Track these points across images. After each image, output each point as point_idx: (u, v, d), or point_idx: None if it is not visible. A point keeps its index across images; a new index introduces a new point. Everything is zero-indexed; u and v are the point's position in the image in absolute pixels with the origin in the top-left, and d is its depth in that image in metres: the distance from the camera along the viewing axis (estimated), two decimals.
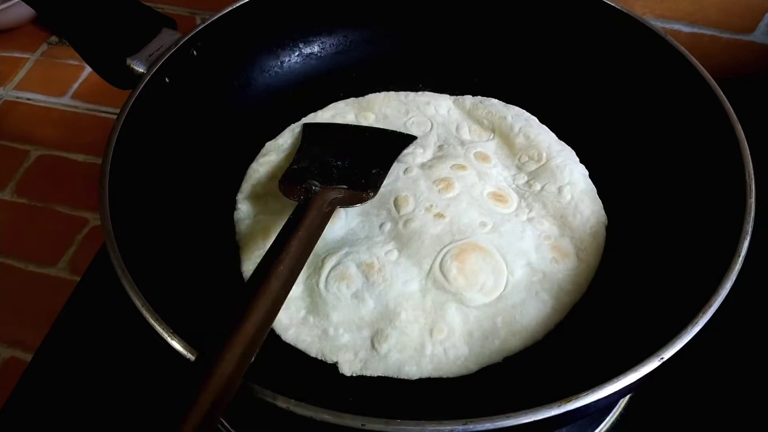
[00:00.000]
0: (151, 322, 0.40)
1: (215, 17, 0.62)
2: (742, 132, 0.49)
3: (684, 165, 0.54)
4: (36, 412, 0.62)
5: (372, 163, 0.57)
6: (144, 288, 0.41)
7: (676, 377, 0.52)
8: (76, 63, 0.99)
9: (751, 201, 0.45)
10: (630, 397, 0.58)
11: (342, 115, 0.66)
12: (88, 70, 0.98)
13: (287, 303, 0.42)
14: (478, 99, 0.66)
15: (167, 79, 0.58)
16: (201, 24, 0.62)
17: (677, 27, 0.82)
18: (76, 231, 0.79)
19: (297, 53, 0.71)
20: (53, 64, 1.00)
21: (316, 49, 0.71)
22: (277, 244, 0.44)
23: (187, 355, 0.38)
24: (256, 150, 0.64)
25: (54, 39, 1.04)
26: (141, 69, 0.57)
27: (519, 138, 0.61)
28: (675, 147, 0.56)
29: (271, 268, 0.42)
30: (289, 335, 0.49)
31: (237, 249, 0.56)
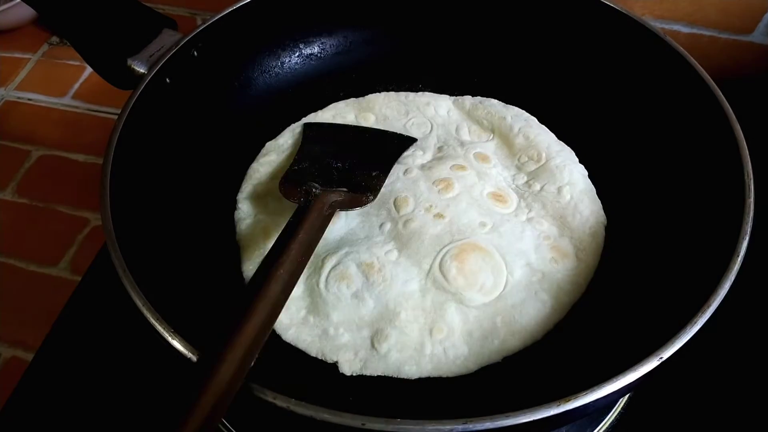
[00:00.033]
0: (152, 321, 0.40)
1: (216, 18, 0.63)
2: (741, 132, 0.49)
3: (683, 165, 0.54)
4: (37, 411, 0.62)
5: (372, 166, 0.57)
6: (145, 288, 0.41)
7: (675, 377, 0.52)
8: (76, 63, 0.99)
9: (750, 201, 0.45)
10: (629, 397, 0.58)
11: (342, 116, 0.66)
12: (88, 70, 0.98)
13: (287, 303, 0.42)
14: (477, 99, 0.66)
15: (168, 80, 0.58)
16: (202, 25, 0.62)
17: (676, 27, 0.82)
18: (77, 231, 0.79)
19: (297, 54, 0.71)
20: (54, 64, 1.01)
21: (316, 50, 0.72)
22: (277, 247, 0.44)
23: (188, 355, 0.38)
24: (256, 150, 0.64)
25: (55, 39, 1.04)
26: (142, 69, 0.57)
27: (518, 138, 0.61)
28: (674, 147, 0.56)
29: (271, 271, 0.42)
30: (290, 335, 0.49)
31: (237, 249, 0.56)
